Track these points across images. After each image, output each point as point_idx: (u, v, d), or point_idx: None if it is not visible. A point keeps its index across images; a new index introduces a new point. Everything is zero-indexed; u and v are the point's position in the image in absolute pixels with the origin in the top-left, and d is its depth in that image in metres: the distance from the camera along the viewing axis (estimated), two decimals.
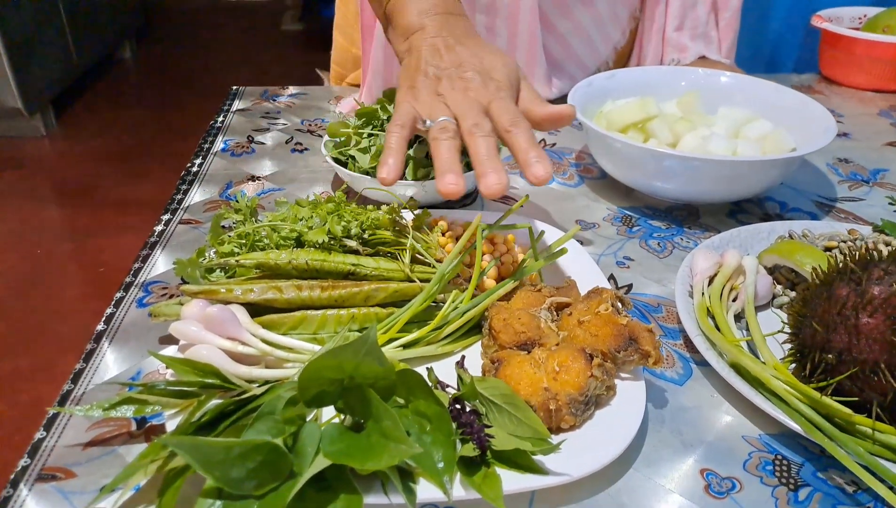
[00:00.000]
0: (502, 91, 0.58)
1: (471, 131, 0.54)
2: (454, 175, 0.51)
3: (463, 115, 0.56)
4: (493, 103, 0.56)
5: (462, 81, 0.59)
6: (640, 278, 0.64)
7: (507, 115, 0.55)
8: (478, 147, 0.53)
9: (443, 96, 0.58)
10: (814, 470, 0.45)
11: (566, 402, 0.44)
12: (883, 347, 0.42)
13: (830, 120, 0.74)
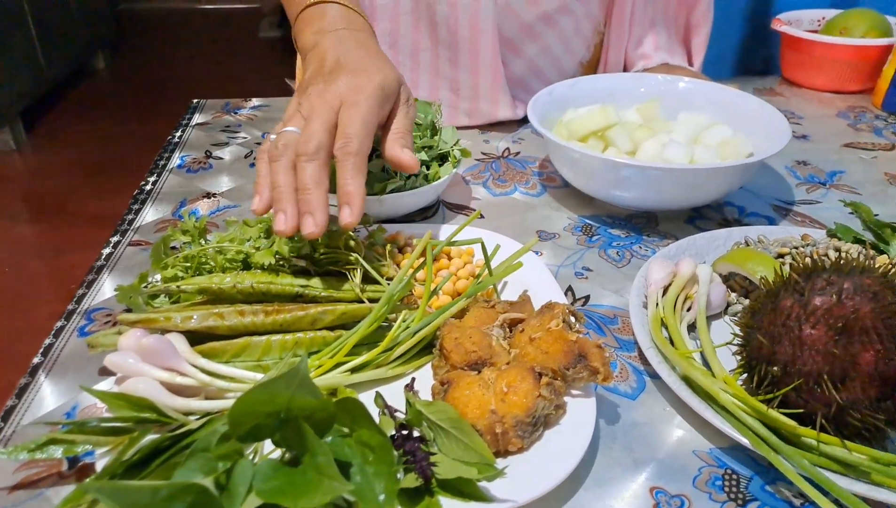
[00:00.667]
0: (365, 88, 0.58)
1: (297, 150, 0.54)
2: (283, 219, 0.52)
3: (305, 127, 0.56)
4: (342, 108, 0.57)
5: (329, 84, 0.58)
6: (598, 289, 0.64)
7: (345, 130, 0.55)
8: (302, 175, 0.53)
9: (304, 99, 0.59)
10: (762, 484, 0.45)
11: (513, 425, 0.44)
12: (825, 358, 0.42)
13: (785, 124, 0.74)
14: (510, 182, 0.82)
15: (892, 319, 0.42)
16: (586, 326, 0.59)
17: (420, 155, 0.72)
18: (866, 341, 0.42)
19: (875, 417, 0.42)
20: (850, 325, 0.42)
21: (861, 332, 0.42)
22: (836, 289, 0.43)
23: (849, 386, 0.42)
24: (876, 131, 0.96)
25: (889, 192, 0.80)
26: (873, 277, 0.44)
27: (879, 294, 0.43)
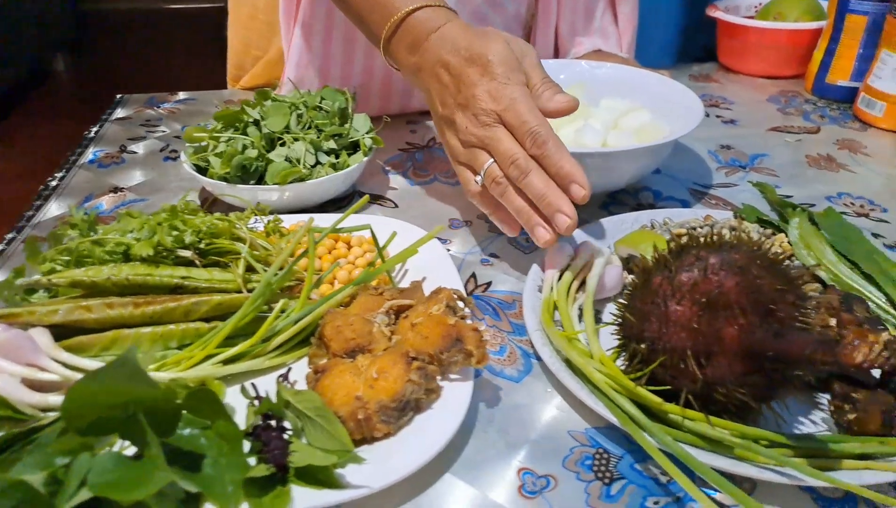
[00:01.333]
0: (499, 91, 0.57)
1: (512, 177, 0.56)
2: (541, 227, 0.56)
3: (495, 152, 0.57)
4: (504, 116, 0.57)
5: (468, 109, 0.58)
6: (502, 275, 0.63)
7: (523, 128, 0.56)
8: (530, 189, 0.55)
9: (468, 142, 0.59)
10: (632, 462, 0.44)
11: (376, 410, 0.43)
12: (690, 334, 0.42)
13: (699, 107, 0.74)
14: (431, 172, 0.81)
15: (757, 293, 0.41)
16: (483, 311, 0.58)
17: (328, 144, 0.71)
18: (731, 316, 0.41)
19: (740, 392, 0.42)
20: (715, 300, 0.41)
21: (725, 307, 0.41)
22: (703, 265, 0.43)
23: (715, 362, 0.42)
24: (804, 116, 0.96)
25: (807, 174, 0.80)
26: (742, 252, 0.44)
27: (745, 269, 0.42)
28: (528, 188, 0.56)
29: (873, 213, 0.72)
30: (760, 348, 0.40)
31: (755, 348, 0.40)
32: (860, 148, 0.86)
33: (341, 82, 0.88)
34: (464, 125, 0.59)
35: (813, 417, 0.47)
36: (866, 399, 0.43)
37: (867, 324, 0.49)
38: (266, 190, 0.67)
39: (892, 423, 0.43)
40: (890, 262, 0.57)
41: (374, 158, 0.83)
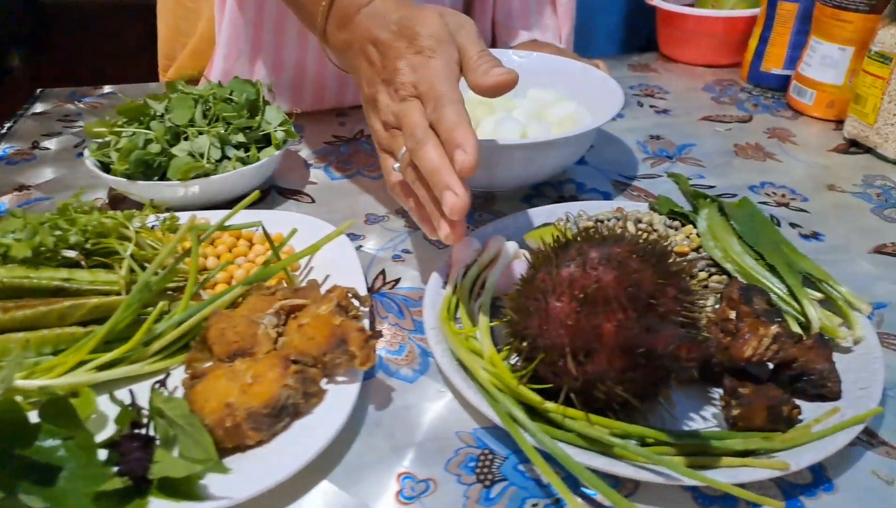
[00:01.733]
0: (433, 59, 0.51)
1: (409, 148, 0.50)
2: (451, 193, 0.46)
3: (405, 127, 0.51)
4: (419, 85, 0.50)
5: (390, 84, 0.53)
6: (412, 272, 0.62)
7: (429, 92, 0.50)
8: (422, 165, 0.48)
9: (389, 123, 0.53)
10: (516, 463, 0.43)
11: (245, 417, 0.41)
12: (568, 331, 0.41)
13: (619, 97, 0.73)
14: (354, 165, 0.80)
15: (636, 287, 0.40)
16: (388, 309, 0.57)
17: (237, 137, 0.69)
18: (609, 311, 0.40)
19: (620, 389, 0.41)
20: (593, 295, 0.40)
21: (604, 302, 0.40)
22: (583, 259, 0.42)
23: (595, 359, 0.41)
24: (738, 105, 0.96)
25: (733, 163, 0.80)
26: (623, 245, 0.43)
27: (624, 263, 0.41)
28: (422, 162, 0.48)
29: (794, 202, 0.71)
30: (633, 343, 0.39)
31: (629, 343, 0.39)
32: (789, 137, 0.86)
33: (273, 76, 0.86)
34: (384, 102, 0.53)
35: (705, 412, 0.46)
36: (752, 394, 0.43)
37: (764, 316, 0.49)
38: (169, 186, 0.64)
39: (777, 418, 0.43)
40: (797, 253, 0.56)
41: (295, 152, 0.82)
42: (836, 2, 0.85)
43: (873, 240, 0.65)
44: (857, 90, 0.82)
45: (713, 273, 0.56)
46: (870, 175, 0.77)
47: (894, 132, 0.78)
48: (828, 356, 0.46)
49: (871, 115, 0.80)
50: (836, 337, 0.49)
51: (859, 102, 0.82)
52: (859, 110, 0.82)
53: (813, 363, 0.45)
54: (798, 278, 0.52)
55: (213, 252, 0.59)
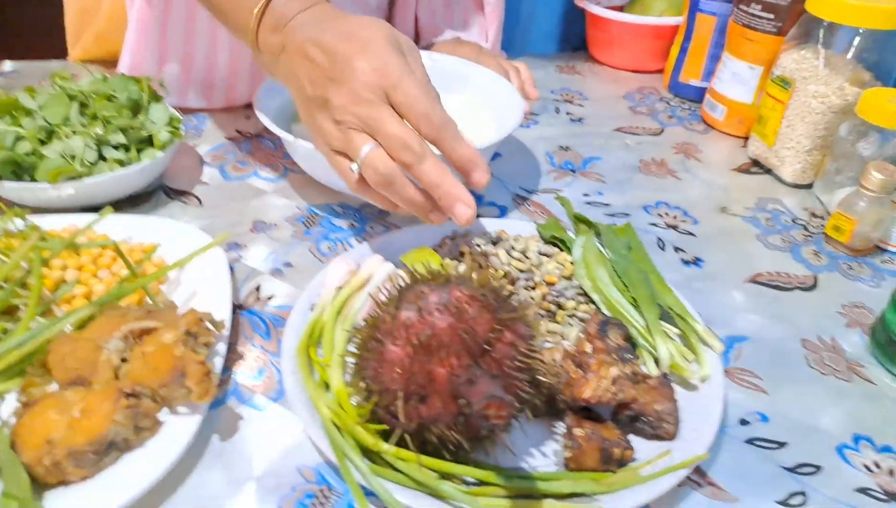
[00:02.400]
0: (388, 65, 0.50)
1: (404, 162, 0.49)
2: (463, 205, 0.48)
3: (379, 134, 0.50)
4: (391, 94, 0.50)
5: (345, 86, 0.51)
6: (288, 288, 0.60)
7: (415, 110, 0.50)
8: (425, 177, 0.49)
9: (344, 123, 0.51)
10: (351, 501, 0.43)
11: (65, 455, 0.40)
12: (402, 376, 0.40)
13: (519, 114, 0.72)
14: (252, 165, 0.78)
15: (470, 335, 0.40)
16: (255, 328, 0.56)
17: (116, 137, 0.66)
18: (443, 357, 0.40)
19: (453, 433, 0.41)
20: (427, 342, 0.40)
21: (438, 348, 0.40)
22: (423, 303, 0.41)
23: (429, 403, 0.41)
24: (653, 115, 0.96)
25: (635, 180, 0.80)
26: (465, 289, 0.42)
27: (462, 309, 0.41)
28: (423, 176, 0.49)
29: (683, 225, 0.72)
30: (457, 393, 0.39)
31: (455, 392, 0.39)
32: (695, 152, 0.87)
33: (182, 73, 0.83)
34: (340, 103, 0.51)
35: (547, 448, 0.46)
36: (585, 437, 0.43)
37: (616, 353, 0.49)
38: (40, 189, 0.62)
39: (609, 460, 0.43)
40: (664, 285, 0.57)
41: (192, 148, 0.79)
42: (745, 21, 0.86)
43: (751, 269, 0.66)
44: (760, 111, 0.83)
45: (581, 303, 0.56)
46: (764, 198, 0.78)
47: (790, 156, 0.80)
48: (668, 397, 0.47)
49: (770, 136, 0.81)
50: (683, 374, 0.49)
51: (761, 122, 0.83)
52: (761, 131, 0.83)
53: (652, 404, 0.46)
54: (656, 313, 0.53)
55: (76, 263, 0.57)
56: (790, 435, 0.49)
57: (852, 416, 0.51)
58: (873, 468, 0.48)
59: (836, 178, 0.75)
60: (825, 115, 0.76)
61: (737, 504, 0.44)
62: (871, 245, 0.70)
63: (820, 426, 0.50)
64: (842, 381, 0.54)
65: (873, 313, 0.62)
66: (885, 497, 0.46)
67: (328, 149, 0.54)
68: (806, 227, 0.74)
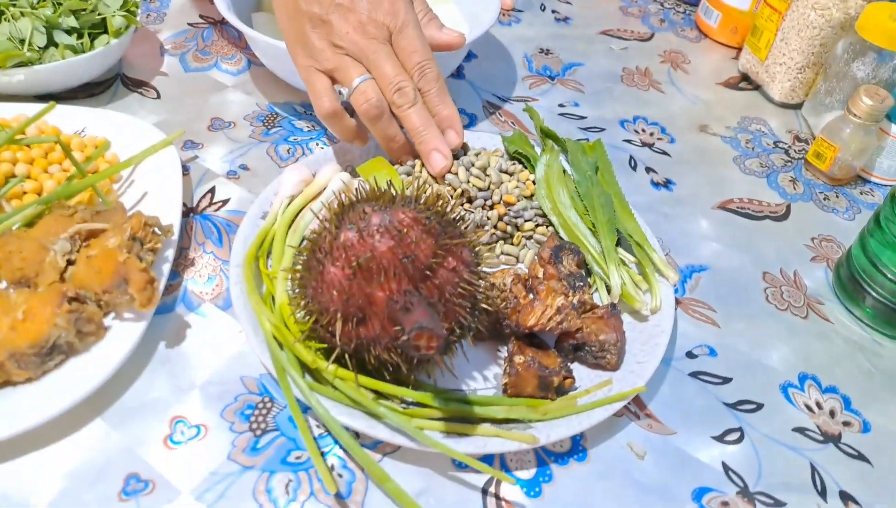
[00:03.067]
0: (397, 5, 0.54)
1: (396, 103, 0.53)
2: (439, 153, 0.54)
3: (376, 70, 0.53)
4: (395, 36, 0.54)
5: (352, 13, 0.53)
6: (244, 193, 0.59)
7: (413, 58, 0.54)
8: (411, 121, 0.53)
9: (342, 48, 0.53)
10: (291, 414, 0.44)
11: (7, 357, 0.41)
12: (340, 296, 0.40)
13: (497, 5, 0.68)
14: (214, 55, 0.74)
15: (411, 259, 0.40)
16: (207, 234, 0.55)
17: (68, 21, 0.62)
18: (383, 281, 0.40)
19: (392, 354, 0.41)
20: (367, 264, 0.39)
21: (378, 272, 0.39)
22: (364, 224, 0.40)
23: (368, 325, 0.40)
24: (644, 17, 0.91)
25: (614, 91, 0.77)
26: (413, 211, 0.41)
27: (404, 232, 0.40)
28: (408, 120, 0.53)
29: (659, 143, 0.70)
30: (395, 318, 0.39)
31: (392, 317, 0.39)
32: (682, 62, 0.83)
33: None
34: (343, 29, 0.53)
35: (489, 372, 0.47)
36: (524, 363, 0.44)
37: (567, 279, 0.49)
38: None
39: (547, 387, 0.44)
40: (627, 210, 0.56)
41: (154, 34, 0.75)
42: None
43: (722, 194, 0.65)
44: (755, 21, 0.79)
45: (540, 224, 0.55)
46: (748, 117, 0.76)
47: (781, 73, 0.76)
48: (615, 327, 0.47)
49: (763, 50, 0.77)
50: (633, 305, 0.50)
51: (755, 34, 0.78)
52: (754, 43, 0.79)
53: (597, 334, 0.46)
54: (613, 239, 0.52)
55: (27, 157, 0.55)
56: (736, 371, 0.50)
57: (802, 354, 0.52)
58: (815, 408, 0.48)
59: (826, 100, 0.72)
60: (823, 29, 0.71)
61: (673, 436, 0.45)
62: (852, 175, 0.69)
63: (768, 362, 0.51)
64: (797, 318, 0.55)
65: (842, 248, 0.61)
66: (821, 437, 0.47)
67: (310, 64, 0.55)
68: (787, 151, 0.72)
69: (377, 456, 0.42)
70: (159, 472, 0.40)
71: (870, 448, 0.47)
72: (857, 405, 0.49)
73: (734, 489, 0.43)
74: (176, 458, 0.41)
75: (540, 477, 0.42)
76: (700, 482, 0.43)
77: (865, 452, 0.46)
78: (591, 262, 0.52)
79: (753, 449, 0.45)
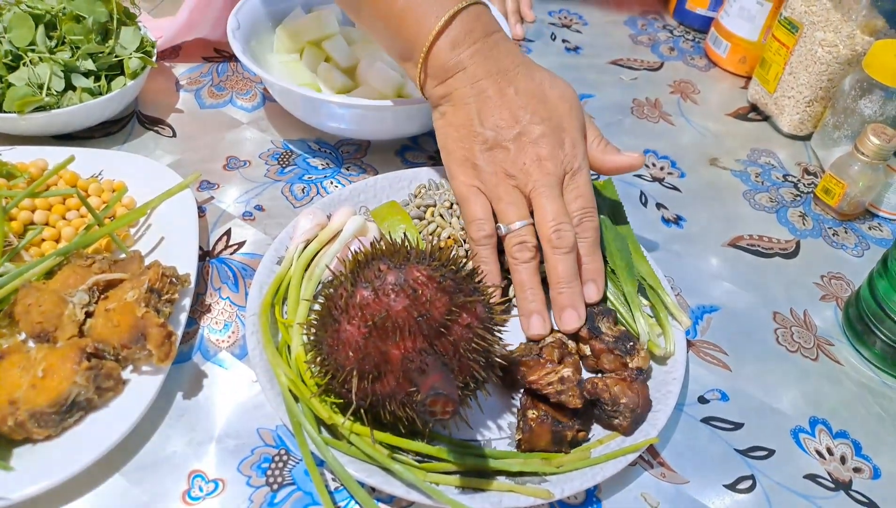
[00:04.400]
0: (577, 149, 0.53)
1: (552, 243, 0.50)
2: (540, 318, 0.50)
3: (541, 207, 0.50)
4: (567, 178, 0.52)
5: (533, 146, 0.51)
6: (259, 235, 0.60)
7: (579, 202, 0.52)
8: (558, 269, 0.50)
9: (513, 177, 0.51)
10: (307, 469, 0.44)
11: (28, 417, 0.41)
12: (356, 355, 0.40)
13: None
14: (228, 91, 0.75)
15: (426, 317, 0.40)
16: (223, 279, 0.56)
17: (86, 64, 0.63)
18: (398, 339, 0.40)
19: (407, 410, 0.42)
20: (383, 323, 0.40)
21: (393, 330, 0.40)
22: (379, 283, 0.41)
23: (383, 381, 0.41)
24: (654, 46, 0.91)
25: (625, 124, 0.77)
26: (428, 268, 0.42)
27: (419, 290, 0.40)
28: (558, 266, 0.50)
29: (669, 177, 0.71)
30: (410, 378, 0.39)
31: (408, 376, 0.40)
32: (692, 92, 0.83)
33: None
34: (521, 160, 0.51)
35: (503, 421, 0.47)
36: (537, 418, 0.44)
37: (618, 347, 0.48)
38: (8, 119, 0.60)
39: (561, 442, 0.44)
40: (639, 253, 0.56)
41: (169, 69, 0.76)
42: None
43: (732, 230, 0.65)
44: (764, 53, 0.79)
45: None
46: (757, 149, 0.76)
47: (790, 106, 0.76)
48: (638, 392, 0.46)
49: (772, 83, 0.78)
50: (656, 352, 0.50)
51: (764, 66, 0.79)
52: (763, 75, 0.79)
53: (618, 398, 0.45)
54: (634, 286, 0.53)
55: (44, 204, 0.56)
56: (747, 416, 0.50)
57: (812, 398, 0.52)
58: (826, 454, 0.49)
59: (833, 134, 0.73)
60: (830, 65, 0.72)
61: (686, 486, 0.46)
62: (861, 210, 0.69)
63: (779, 407, 0.51)
64: (807, 360, 0.55)
65: (851, 286, 0.61)
66: (832, 484, 0.47)
67: (474, 184, 0.53)
68: (797, 185, 0.72)
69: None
70: None
71: (879, 494, 0.47)
72: (867, 451, 0.49)
73: None
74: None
75: None
76: None
77: (875, 499, 0.46)
78: (622, 321, 0.52)
79: (765, 497, 0.46)
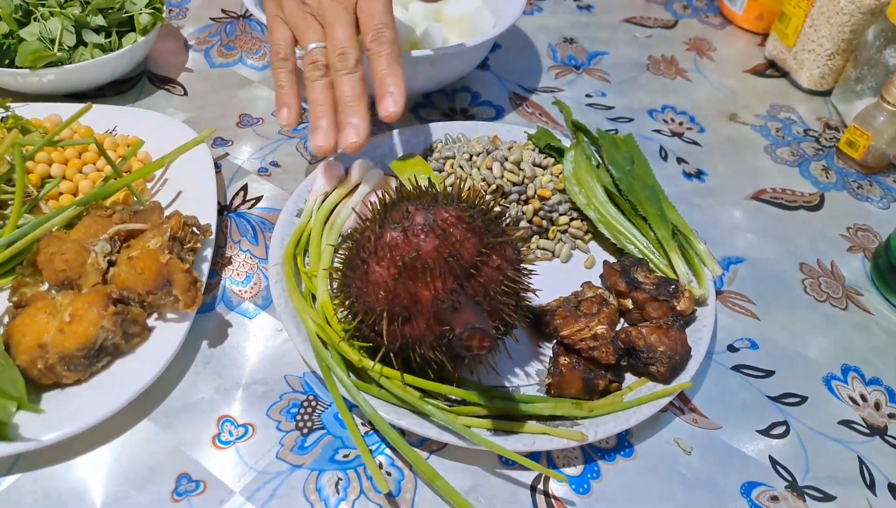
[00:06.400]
0: None
1: (335, 66, 0.51)
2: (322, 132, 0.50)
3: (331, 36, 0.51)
4: (363, 3, 0.52)
5: None
6: (276, 190, 0.59)
7: (373, 20, 0.51)
8: (341, 88, 0.51)
9: (308, 6, 0.53)
10: (336, 412, 0.44)
11: (58, 360, 0.41)
12: (386, 296, 0.40)
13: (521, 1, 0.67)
14: (238, 50, 0.73)
15: (456, 257, 0.39)
16: (242, 232, 0.55)
17: (96, 19, 0.62)
18: (428, 280, 0.39)
19: (437, 352, 0.41)
20: (412, 264, 0.39)
21: (423, 271, 0.39)
22: (408, 223, 0.40)
23: (413, 323, 0.40)
24: (667, 4, 0.90)
25: (641, 80, 0.76)
26: (456, 209, 0.41)
27: (448, 231, 0.40)
28: (342, 86, 0.50)
29: (689, 133, 0.70)
30: (441, 317, 0.39)
31: (439, 316, 0.39)
32: (708, 50, 0.82)
33: None
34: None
35: (531, 368, 0.47)
36: (569, 364, 0.44)
37: (661, 292, 0.48)
38: (19, 75, 0.59)
39: (592, 390, 0.44)
40: (667, 202, 0.55)
41: (177, 29, 0.74)
42: None
43: (754, 184, 0.65)
44: (783, 7, 0.77)
45: (574, 218, 0.55)
46: (777, 105, 0.75)
47: (810, 60, 0.75)
48: (676, 338, 0.45)
49: (791, 36, 0.76)
50: (695, 294, 0.49)
51: (783, 20, 0.77)
52: (781, 30, 0.78)
53: (654, 346, 0.45)
54: (668, 231, 0.52)
55: (60, 158, 0.55)
56: (778, 364, 0.50)
57: (843, 346, 0.52)
58: (859, 400, 0.48)
59: (856, 87, 0.71)
60: (853, 15, 0.70)
61: (718, 431, 0.45)
62: (885, 162, 0.68)
63: (810, 355, 0.51)
64: (836, 309, 0.54)
65: (878, 238, 0.61)
66: (867, 430, 0.46)
67: (277, 14, 0.55)
68: (818, 140, 0.71)
69: (424, 454, 0.42)
70: (210, 472, 0.40)
71: None
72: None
73: (783, 483, 0.43)
74: (225, 458, 0.41)
75: (588, 474, 0.42)
76: (748, 476, 0.43)
77: None
78: (653, 268, 0.51)
79: (800, 443, 0.45)
